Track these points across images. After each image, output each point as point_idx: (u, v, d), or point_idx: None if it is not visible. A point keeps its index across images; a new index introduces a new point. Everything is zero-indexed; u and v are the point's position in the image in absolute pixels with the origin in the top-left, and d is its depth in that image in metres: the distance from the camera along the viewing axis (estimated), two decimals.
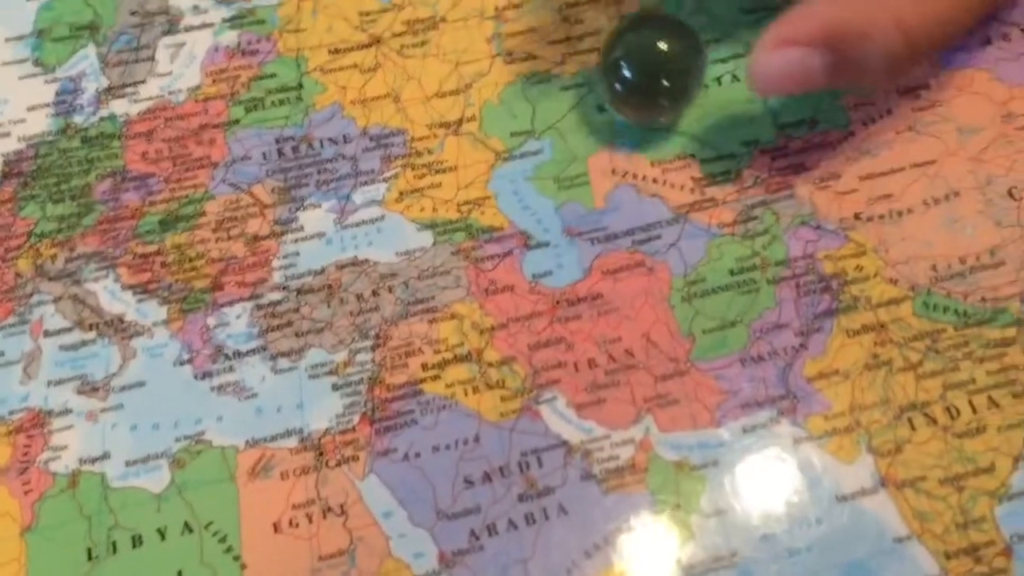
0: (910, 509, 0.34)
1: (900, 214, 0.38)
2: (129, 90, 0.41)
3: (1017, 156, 0.39)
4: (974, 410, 0.35)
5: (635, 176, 0.39)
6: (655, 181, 0.39)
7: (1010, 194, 0.38)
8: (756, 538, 0.33)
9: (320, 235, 0.38)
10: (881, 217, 0.38)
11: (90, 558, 0.33)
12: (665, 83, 0.37)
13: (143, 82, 0.41)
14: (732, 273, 0.37)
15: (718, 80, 0.41)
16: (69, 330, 0.37)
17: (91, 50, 0.42)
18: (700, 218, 0.38)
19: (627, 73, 0.37)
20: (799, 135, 0.40)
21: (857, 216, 0.38)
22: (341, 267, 0.38)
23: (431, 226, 0.38)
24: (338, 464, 0.34)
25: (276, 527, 0.34)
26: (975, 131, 0.39)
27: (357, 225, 0.38)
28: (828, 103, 0.40)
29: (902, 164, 0.39)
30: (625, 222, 0.38)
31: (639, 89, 0.38)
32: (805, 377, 0.36)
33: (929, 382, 0.35)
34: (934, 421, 0.35)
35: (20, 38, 0.43)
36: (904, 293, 0.37)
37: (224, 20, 0.42)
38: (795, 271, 0.37)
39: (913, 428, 0.35)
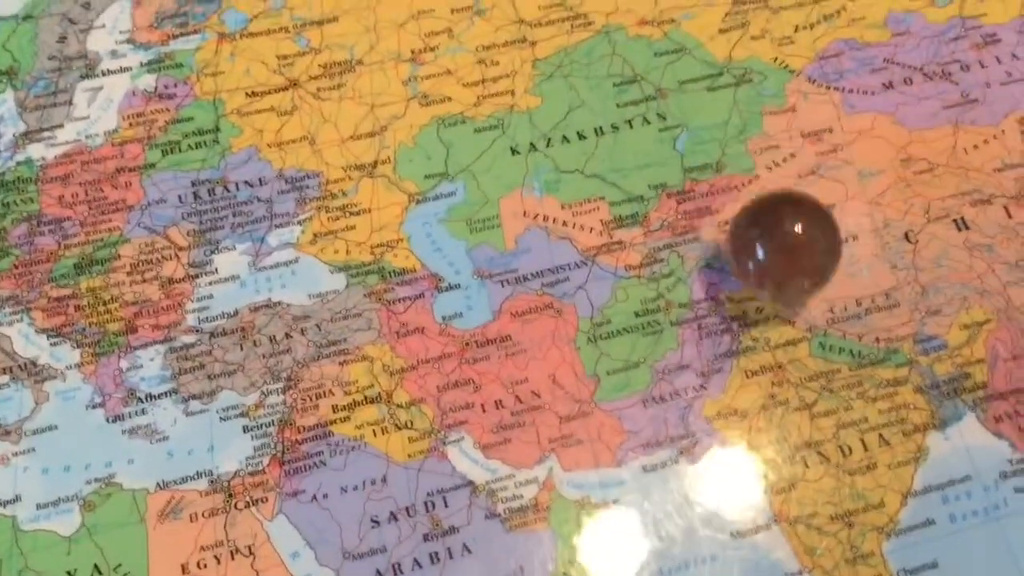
0: (802, 545, 0.35)
1: None
2: (46, 134, 0.42)
3: (914, 200, 0.40)
4: (865, 448, 0.36)
5: (546, 219, 0.40)
6: (565, 224, 0.40)
7: (906, 237, 0.40)
8: (655, 574, 0.35)
9: (234, 278, 0.39)
10: None
11: None
12: (804, 264, 0.36)
13: (60, 126, 0.42)
14: (637, 315, 0.38)
15: (629, 123, 0.42)
16: None
17: (8, 95, 0.42)
18: (607, 260, 0.39)
19: (761, 254, 0.36)
20: (706, 179, 0.41)
21: None
22: (255, 309, 0.38)
23: (344, 268, 0.39)
24: (247, 506, 0.35)
25: (184, 569, 0.34)
26: (874, 174, 0.41)
27: (271, 267, 0.39)
28: (734, 147, 0.41)
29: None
30: (535, 264, 0.39)
31: (776, 271, 0.36)
32: (705, 416, 0.37)
33: (823, 421, 0.37)
34: (827, 459, 0.36)
35: None
36: (802, 334, 0.38)
37: (142, 64, 0.43)
38: (698, 313, 0.38)
39: (807, 466, 0.36)
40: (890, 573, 0.34)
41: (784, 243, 0.36)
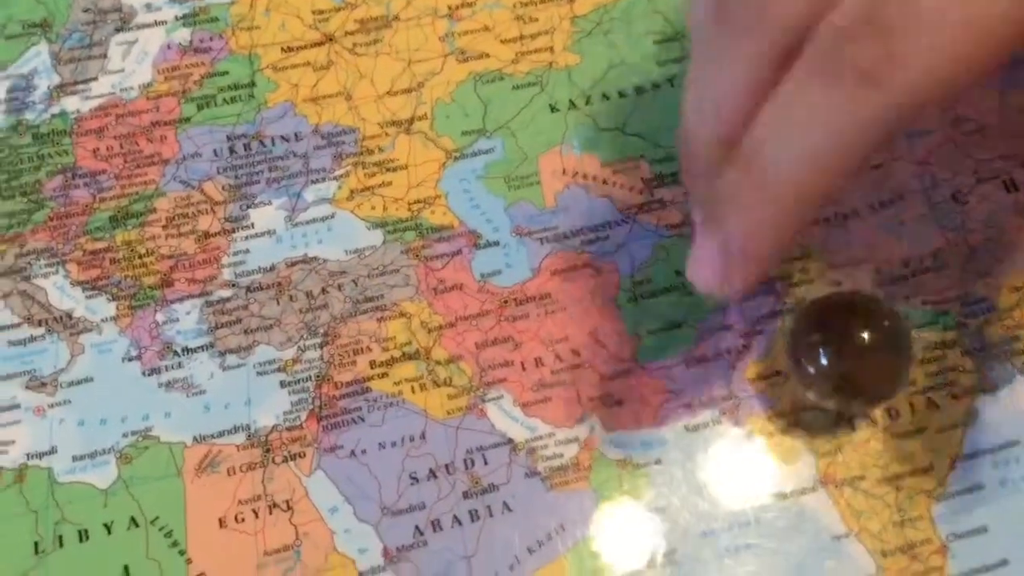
0: (848, 507, 0.34)
1: (845, 217, 0.39)
2: (81, 87, 0.41)
3: (963, 160, 0.40)
4: (914, 411, 0.35)
5: (585, 176, 0.39)
6: (605, 182, 0.39)
7: (954, 198, 0.39)
8: (696, 536, 0.34)
9: (271, 232, 0.38)
10: (827, 220, 0.39)
11: (36, 552, 0.34)
12: (872, 376, 0.33)
13: (95, 79, 0.41)
14: (679, 274, 0.38)
15: (670, 81, 0.41)
16: (18, 326, 0.37)
17: (43, 47, 0.42)
18: (648, 219, 0.39)
19: (825, 362, 0.33)
20: None
21: None
22: (291, 265, 0.38)
23: (381, 225, 0.39)
24: (285, 460, 0.35)
25: (222, 522, 0.34)
26: (922, 135, 0.40)
27: (308, 223, 0.39)
28: None
29: None
30: (575, 222, 0.39)
31: (841, 383, 0.33)
32: (748, 378, 0.36)
33: None
34: (874, 422, 0.35)
35: None
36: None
37: (177, 18, 0.42)
38: None
39: (853, 428, 0.35)
40: (939, 537, 0.34)
41: (854, 353, 0.33)
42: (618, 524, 0.34)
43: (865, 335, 0.33)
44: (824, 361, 0.33)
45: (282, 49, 0.42)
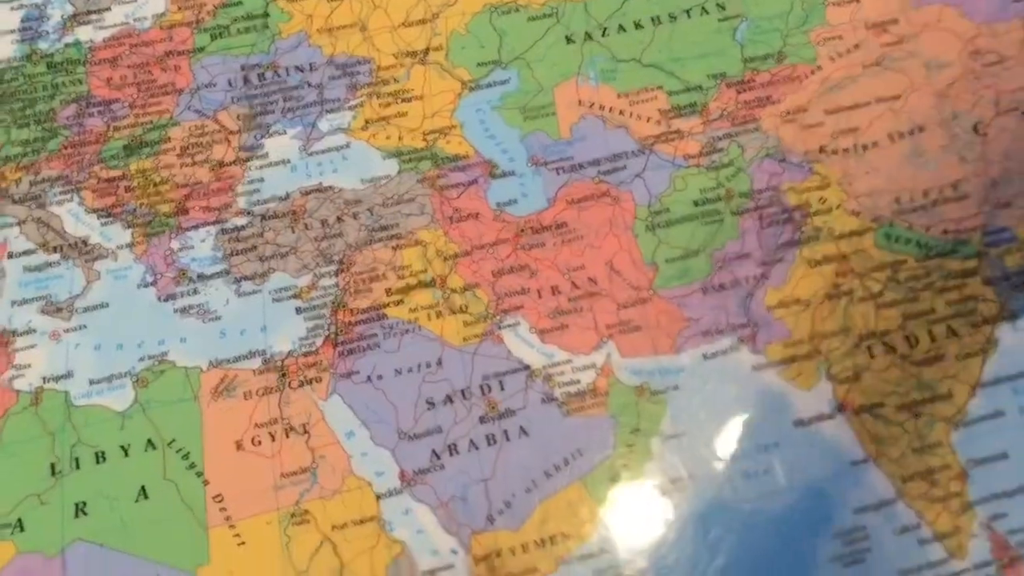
0: (867, 434, 0.34)
1: (865, 148, 0.38)
2: (94, 17, 0.41)
3: (983, 92, 0.39)
4: (933, 339, 0.35)
5: (602, 107, 0.39)
6: (622, 113, 0.39)
7: (975, 129, 0.39)
8: (713, 460, 0.34)
9: (285, 162, 0.38)
10: (846, 150, 0.38)
11: (53, 473, 0.34)
12: None
13: (108, 9, 0.41)
14: (696, 204, 0.37)
15: (687, 12, 0.41)
16: (33, 252, 0.37)
17: None
18: (665, 150, 0.38)
19: None
20: (766, 68, 0.40)
21: (822, 149, 0.38)
22: (306, 193, 0.38)
23: (396, 154, 0.38)
24: (301, 385, 0.35)
25: (239, 445, 0.34)
26: (942, 66, 0.40)
27: (322, 152, 0.38)
28: (796, 38, 0.40)
29: (868, 99, 0.39)
30: (591, 152, 0.38)
31: None
32: (766, 306, 0.36)
33: (889, 312, 0.36)
34: (893, 349, 0.35)
35: None
36: (867, 225, 0.37)
37: None
38: (759, 203, 0.37)
39: (872, 356, 0.35)
40: (958, 463, 0.34)
41: None
42: (634, 450, 0.34)
43: None
44: None
45: None
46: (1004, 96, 0.39)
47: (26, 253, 0.37)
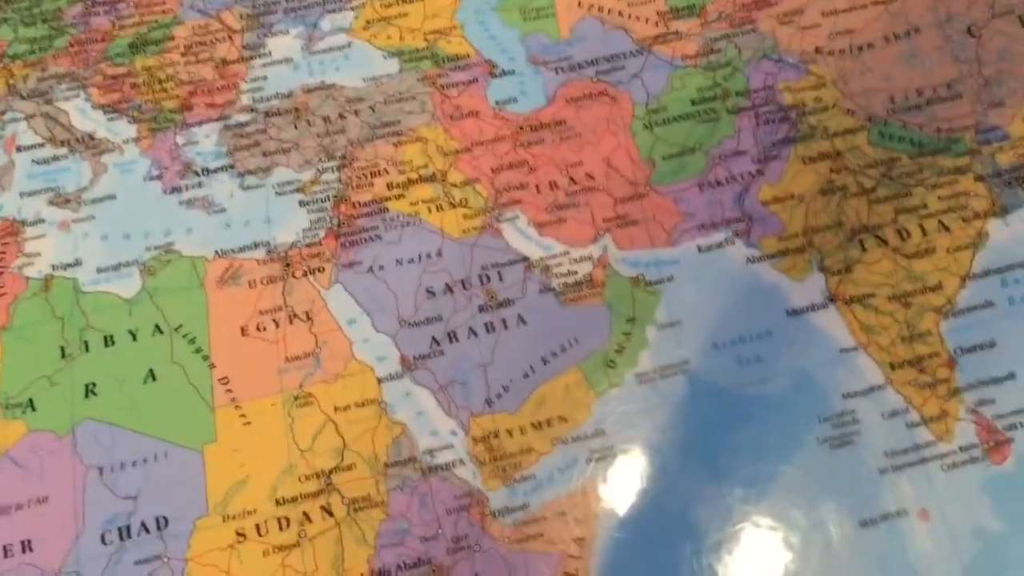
0: (858, 323, 0.35)
1: (860, 49, 0.39)
2: None
3: None
4: (924, 233, 0.36)
5: (601, 9, 0.40)
6: (620, 14, 0.39)
7: (969, 31, 0.39)
8: (707, 347, 0.35)
9: (288, 60, 0.39)
10: (842, 51, 0.39)
11: (63, 356, 0.34)
12: None
13: None
14: (693, 103, 0.38)
15: None
16: (42, 145, 0.38)
17: None
18: (664, 50, 0.39)
19: None
20: None
21: (818, 50, 0.39)
22: (308, 91, 0.38)
23: (398, 54, 0.39)
24: (304, 275, 0.35)
25: (244, 331, 0.35)
26: None
27: (325, 51, 0.39)
28: None
29: (864, 1, 0.39)
30: (590, 52, 0.39)
31: None
32: (761, 201, 0.36)
33: (882, 207, 0.36)
34: (885, 243, 0.36)
35: None
36: (861, 123, 0.37)
37: None
38: (755, 102, 0.38)
39: (864, 249, 0.36)
40: (947, 351, 0.34)
41: None
42: (630, 337, 0.35)
43: None
44: None
45: None
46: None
47: (35, 147, 0.37)
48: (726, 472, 0.33)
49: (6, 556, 0.31)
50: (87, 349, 0.34)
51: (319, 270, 0.35)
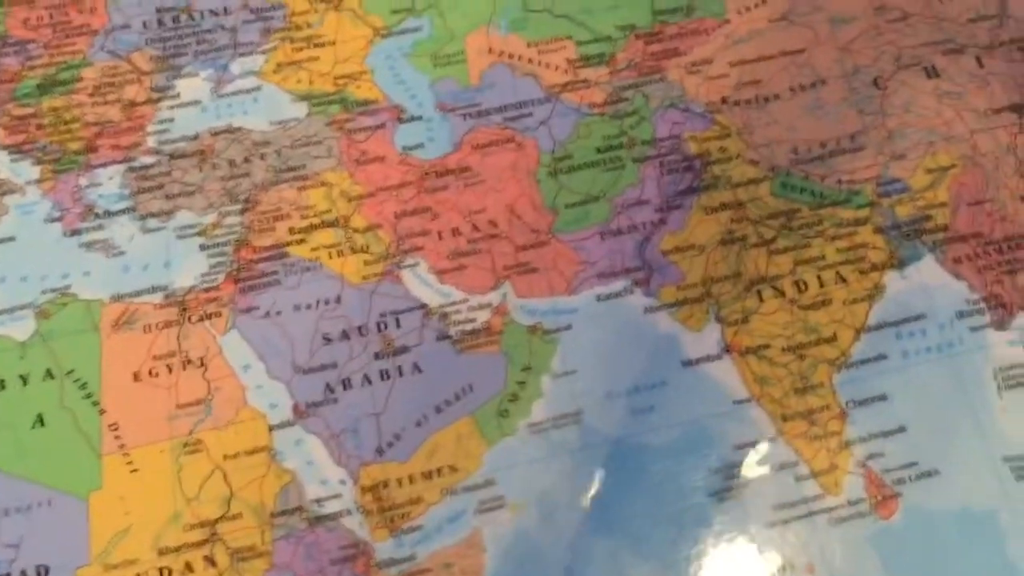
0: (752, 374, 0.35)
1: (767, 99, 0.39)
2: None
3: (885, 47, 0.40)
4: (821, 284, 0.36)
5: (511, 56, 0.40)
6: (531, 61, 0.40)
7: (875, 83, 0.39)
8: (602, 397, 0.35)
9: (196, 102, 0.39)
10: (748, 102, 0.39)
11: None
12: None
13: None
14: (599, 151, 0.38)
15: None
16: None
17: None
18: (572, 98, 0.39)
19: None
20: (675, 21, 0.40)
21: (724, 100, 0.39)
22: (215, 134, 0.38)
23: (307, 97, 0.39)
24: (201, 320, 0.35)
25: (136, 376, 0.35)
26: (847, 21, 0.40)
27: (233, 94, 0.39)
28: None
29: (773, 52, 0.40)
30: (498, 99, 0.39)
31: None
32: (662, 250, 0.37)
33: (781, 257, 0.37)
34: (782, 293, 0.36)
35: None
36: (764, 174, 0.38)
37: None
38: (660, 151, 0.38)
39: (761, 300, 0.36)
40: (839, 404, 0.35)
41: None
42: (525, 386, 0.35)
43: None
44: None
45: None
46: (905, 52, 0.40)
47: None
48: (615, 525, 0.33)
49: None
50: None
51: (216, 315, 0.36)
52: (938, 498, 0.33)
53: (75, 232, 0.37)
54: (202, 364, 0.35)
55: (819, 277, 0.36)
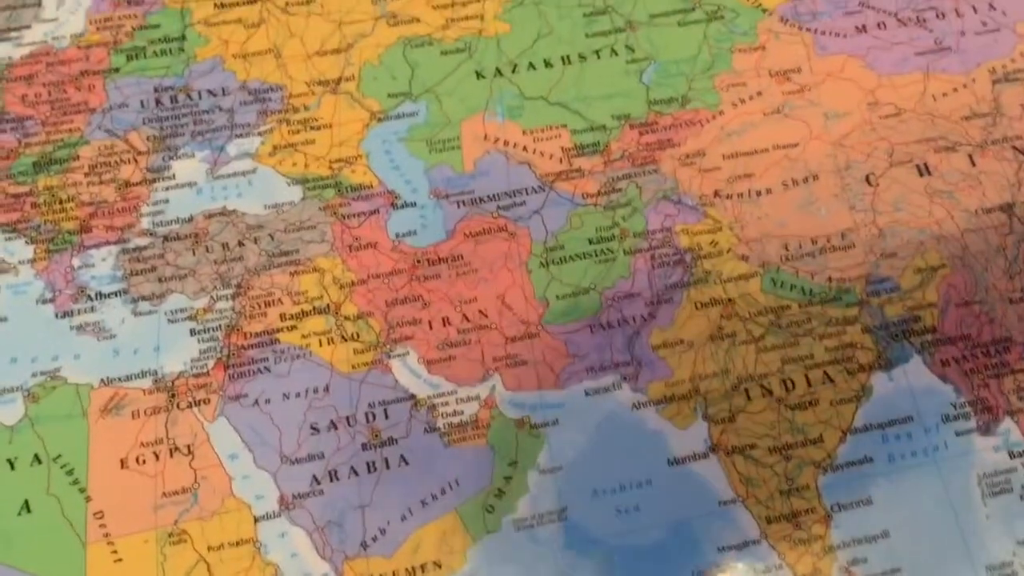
0: (738, 474, 0.35)
1: (759, 193, 0.39)
2: (13, 34, 0.42)
3: (878, 143, 0.40)
4: (809, 384, 0.36)
5: (506, 143, 0.40)
6: (526, 149, 0.40)
7: (867, 180, 0.40)
8: (587, 495, 0.35)
9: (191, 184, 0.39)
10: (740, 195, 0.39)
11: None
12: None
13: (28, 27, 0.42)
14: (591, 242, 0.38)
15: (596, 53, 0.42)
16: None
17: None
18: (565, 187, 0.39)
19: None
20: (670, 112, 0.41)
21: (717, 193, 0.39)
22: (209, 216, 0.39)
23: (302, 181, 0.39)
24: (189, 406, 0.36)
25: (123, 463, 0.35)
26: (840, 116, 0.41)
27: (229, 176, 0.39)
28: (701, 83, 0.41)
29: (766, 145, 0.40)
30: (492, 187, 0.39)
31: None
32: (651, 345, 0.37)
33: (769, 355, 0.37)
34: (769, 392, 0.36)
35: None
36: (754, 270, 0.38)
37: None
38: (652, 243, 0.38)
39: (749, 398, 0.36)
40: (824, 507, 0.35)
41: None
42: (510, 482, 0.35)
43: None
44: None
45: (215, 5, 0.42)
46: (898, 148, 0.40)
47: None
48: None
49: None
50: None
51: (204, 402, 0.36)
52: None
53: (67, 314, 0.37)
54: (189, 452, 0.35)
55: (807, 376, 0.36)
